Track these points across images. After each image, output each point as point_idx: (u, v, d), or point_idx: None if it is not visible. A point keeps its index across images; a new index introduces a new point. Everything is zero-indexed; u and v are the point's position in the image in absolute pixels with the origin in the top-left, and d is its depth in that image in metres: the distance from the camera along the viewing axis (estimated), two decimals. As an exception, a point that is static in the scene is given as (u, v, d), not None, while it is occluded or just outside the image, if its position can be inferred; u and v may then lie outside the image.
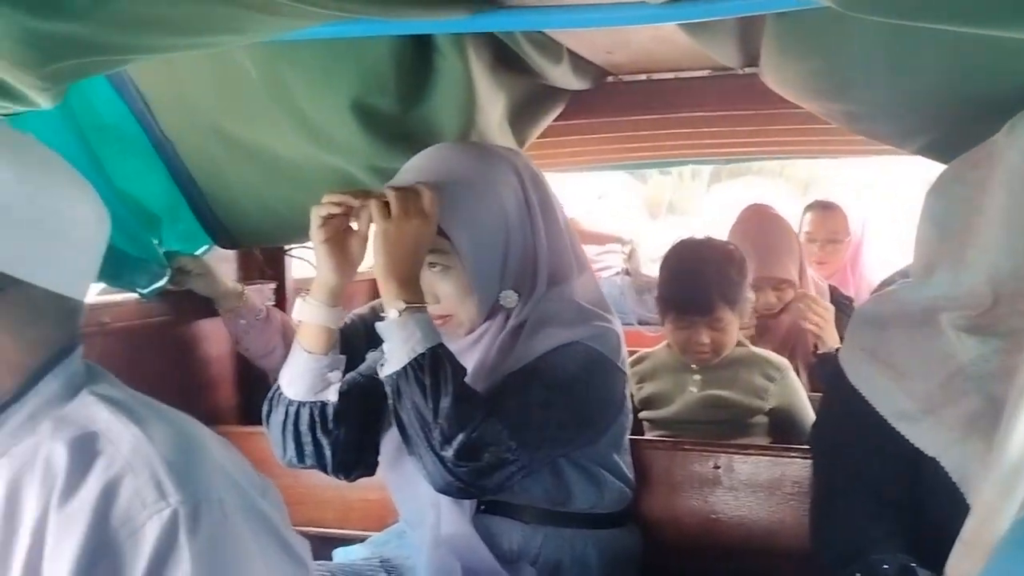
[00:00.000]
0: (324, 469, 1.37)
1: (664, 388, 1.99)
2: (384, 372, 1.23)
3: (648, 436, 1.98)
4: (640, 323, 3.48)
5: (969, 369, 1.10)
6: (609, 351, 1.32)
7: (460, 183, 1.31)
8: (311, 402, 1.31)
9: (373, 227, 1.25)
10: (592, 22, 1.17)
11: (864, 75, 1.26)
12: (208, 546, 0.76)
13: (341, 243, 1.28)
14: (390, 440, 1.39)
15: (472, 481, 1.19)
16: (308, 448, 1.33)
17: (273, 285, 2.27)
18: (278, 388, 1.34)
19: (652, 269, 3.61)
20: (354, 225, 1.28)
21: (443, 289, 1.33)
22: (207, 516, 0.77)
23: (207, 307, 1.97)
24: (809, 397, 1.95)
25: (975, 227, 1.11)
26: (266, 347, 1.99)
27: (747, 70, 1.85)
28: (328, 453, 1.34)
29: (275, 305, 2.21)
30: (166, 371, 1.94)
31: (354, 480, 1.43)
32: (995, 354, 1.09)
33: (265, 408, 1.36)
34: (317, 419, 1.31)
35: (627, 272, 3.61)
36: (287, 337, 2.00)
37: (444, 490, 1.22)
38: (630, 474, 1.48)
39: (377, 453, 1.44)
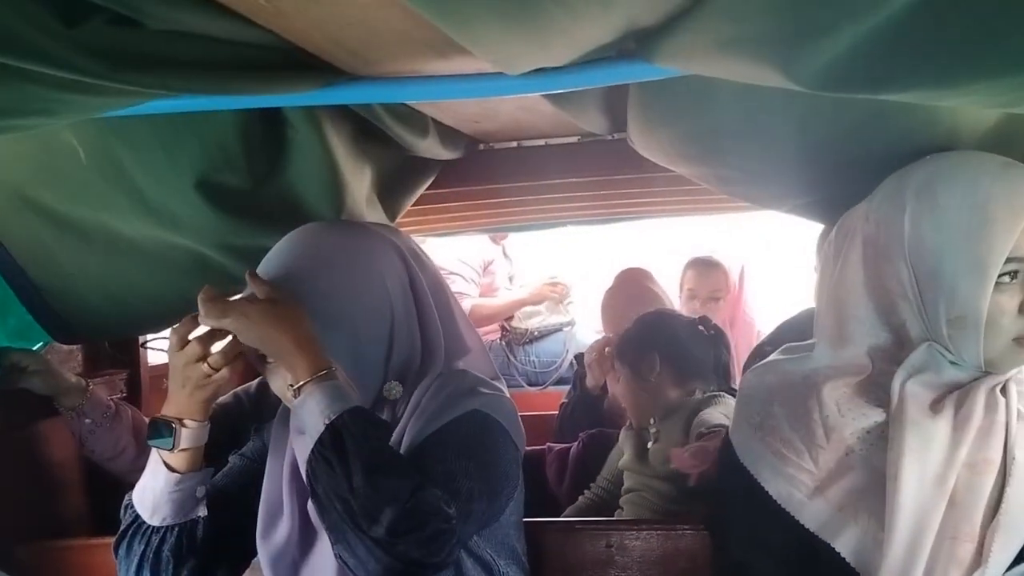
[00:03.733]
0: None
1: None
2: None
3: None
4: (529, 384, 3.45)
5: (852, 443, 1.08)
6: (503, 418, 1.25)
7: (334, 272, 1.23)
8: (180, 524, 1.21)
9: None
10: (450, 94, 1.12)
11: (732, 140, 1.25)
12: None
13: None
14: (273, 554, 1.26)
15: (417, 557, 1.06)
16: None
17: (124, 375, 2.08)
18: (136, 520, 1.22)
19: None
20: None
21: None
22: None
23: (46, 406, 1.77)
24: None
25: (847, 300, 1.11)
26: (115, 448, 1.81)
27: (616, 135, 1.84)
28: None
29: (127, 397, 2.02)
30: (2, 482, 1.73)
31: None
32: (876, 427, 1.07)
33: (119, 543, 1.24)
34: (185, 540, 1.21)
35: (504, 330, 3.56)
36: (139, 436, 1.82)
37: None
38: (525, 559, 1.38)
39: (237, 570, 1.32)
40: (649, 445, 1.90)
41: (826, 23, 0.65)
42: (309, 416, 1.11)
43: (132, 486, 1.92)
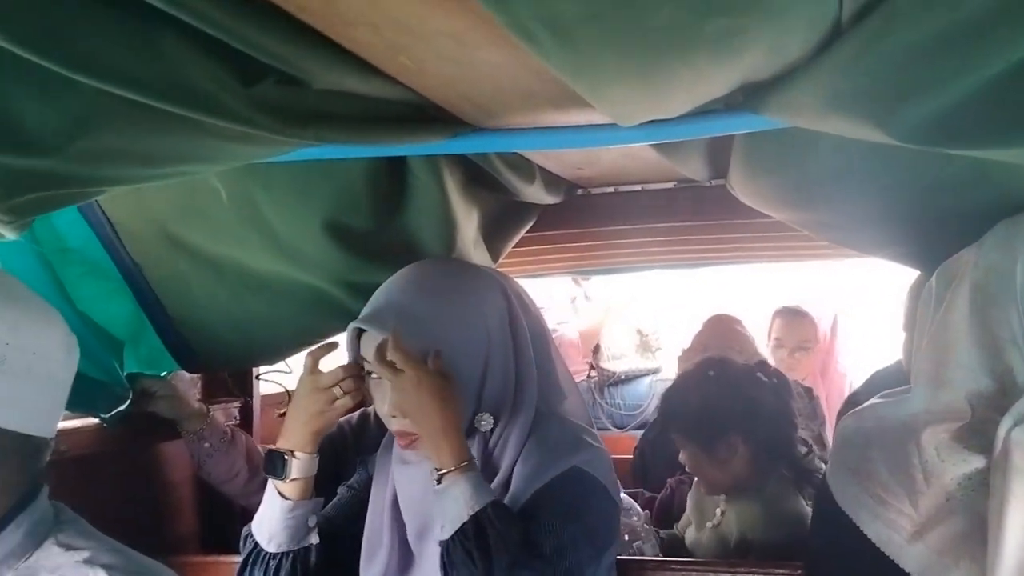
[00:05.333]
0: None
1: None
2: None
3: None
4: (614, 426, 3.47)
5: (953, 489, 1.08)
6: (602, 475, 1.29)
7: (437, 300, 1.30)
8: (294, 551, 1.29)
9: None
10: (564, 144, 1.19)
11: (835, 189, 1.28)
12: None
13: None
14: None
15: None
16: None
17: (238, 403, 2.20)
18: (255, 548, 1.31)
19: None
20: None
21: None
22: None
23: (169, 429, 1.89)
24: None
25: (950, 345, 1.12)
26: (230, 472, 1.91)
27: (714, 182, 1.89)
28: None
29: (240, 424, 2.14)
30: (126, 499, 1.85)
31: None
32: (978, 473, 1.07)
33: (240, 573, 1.33)
34: (299, 566, 1.29)
35: (591, 368, 3.60)
36: (252, 461, 1.93)
37: None
38: None
39: None
40: (709, 524, 1.81)
41: (937, 78, 0.69)
42: (452, 504, 1.17)
43: (242, 508, 2.05)
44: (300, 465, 1.30)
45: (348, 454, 1.69)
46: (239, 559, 1.36)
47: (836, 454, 1.26)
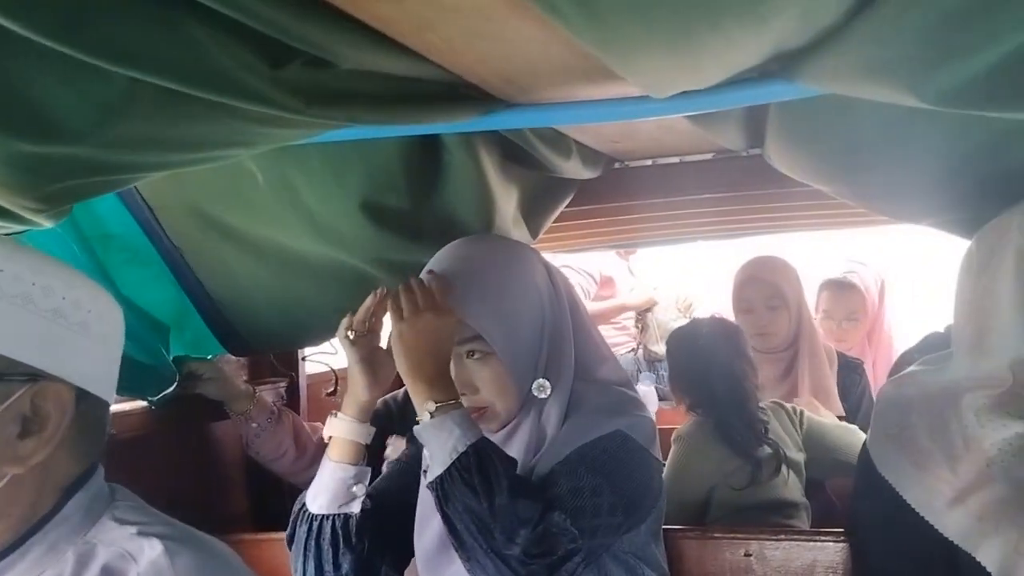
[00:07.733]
0: None
1: None
2: (428, 478, 1.19)
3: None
4: (661, 399, 3.46)
5: (993, 454, 1.07)
6: (645, 440, 1.29)
7: (489, 273, 1.32)
8: (334, 515, 1.29)
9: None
10: (599, 117, 1.17)
11: (874, 157, 1.25)
12: None
13: (373, 362, 1.32)
14: (425, 553, 1.34)
15: None
16: (328, 567, 1.29)
17: (285, 383, 2.23)
18: (303, 506, 1.32)
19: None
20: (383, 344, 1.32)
21: (483, 376, 1.30)
22: None
23: (217, 410, 1.93)
24: None
25: (992, 311, 1.09)
26: (277, 450, 1.95)
27: (751, 152, 1.86)
28: (347, 572, 1.29)
29: (288, 404, 2.17)
30: (177, 479, 1.90)
31: None
32: (1018, 438, 1.05)
33: (289, 531, 1.34)
34: (340, 532, 1.29)
35: (637, 346, 3.61)
36: (299, 440, 1.96)
37: None
38: (665, 565, 1.43)
39: (399, 572, 1.40)
40: None
41: (971, 42, 0.67)
42: (448, 435, 1.16)
43: (291, 486, 2.09)
44: (333, 423, 1.31)
45: (393, 428, 1.71)
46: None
47: (876, 421, 1.25)
